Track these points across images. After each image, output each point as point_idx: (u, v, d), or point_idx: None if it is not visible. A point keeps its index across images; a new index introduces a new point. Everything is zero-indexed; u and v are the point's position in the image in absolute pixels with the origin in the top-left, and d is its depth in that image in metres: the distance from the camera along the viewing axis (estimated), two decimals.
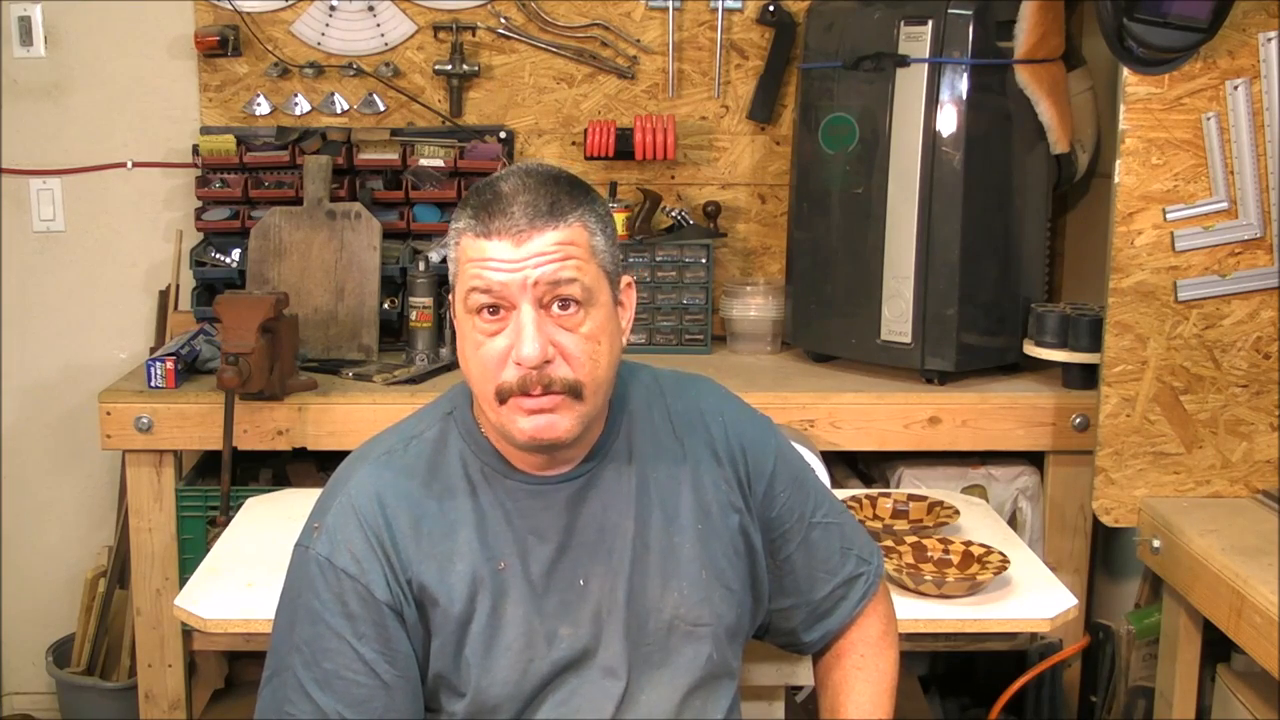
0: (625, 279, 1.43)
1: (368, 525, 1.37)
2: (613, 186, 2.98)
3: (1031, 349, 2.65)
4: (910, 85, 2.59)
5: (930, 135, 2.57)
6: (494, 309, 1.33)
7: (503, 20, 3.01)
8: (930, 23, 2.56)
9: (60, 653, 3.03)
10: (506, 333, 1.33)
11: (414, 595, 1.37)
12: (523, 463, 1.42)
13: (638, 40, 3.04)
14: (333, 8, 3.00)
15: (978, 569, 1.91)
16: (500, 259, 1.31)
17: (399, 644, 1.37)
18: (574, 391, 1.34)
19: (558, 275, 1.32)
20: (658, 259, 2.91)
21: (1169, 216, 2.27)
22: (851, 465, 2.84)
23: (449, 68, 3.00)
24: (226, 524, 2.19)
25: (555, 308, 1.33)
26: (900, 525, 2.13)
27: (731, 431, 1.52)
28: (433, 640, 1.39)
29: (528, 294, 1.31)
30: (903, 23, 2.59)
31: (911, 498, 2.20)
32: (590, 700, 1.41)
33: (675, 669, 1.44)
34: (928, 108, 2.57)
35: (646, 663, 1.43)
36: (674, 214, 3.00)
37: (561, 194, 1.35)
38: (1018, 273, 2.73)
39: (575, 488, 1.42)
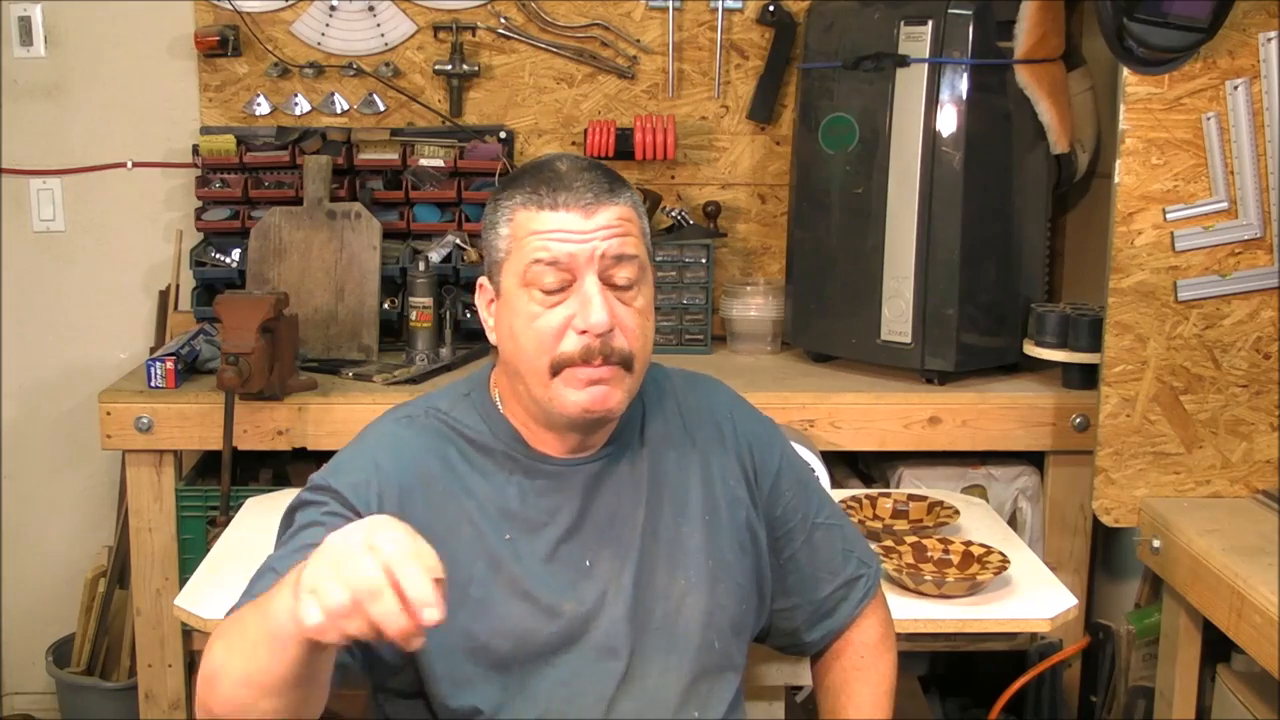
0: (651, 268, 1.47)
1: (381, 468, 1.39)
2: None
3: (1031, 349, 2.65)
4: (910, 85, 2.59)
5: (930, 135, 2.57)
6: (556, 283, 1.35)
7: (503, 20, 3.01)
8: (930, 23, 2.56)
9: (60, 653, 3.03)
10: (567, 304, 1.35)
11: None
12: (544, 445, 1.44)
13: (638, 40, 3.04)
14: (333, 8, 3.00)
15: (978, 569, 1.91)
16: (569, 230, 1.35)
17: None
18: (627, 364, 1.37)
19: (622, 249, 1.36)
20: (658, 259, 2.91)
21: (1169, 216, 2.27)
22: (851, 465, 2.84)
23: (449, 68, 3.00)
24: (226, 524, 2.19)
25: (614, 283, 1.36)
26: (900, 525, 2.13)
27: (740, 429, 1.54)
28: None
29: (594, 265, 1.35)
30: (903, 23, 2.59)
31: (911, 498, 2.20)
32: (591, 680, 1.41)
33: (679, 656, 1.45)
34: (928, 108, 2.57)
35: (651, 648, 1.44)
36: (674, 214, 3.00)
37: (615, 176, 1.41)
38: (1018, 273, 2.73)
39: (591, 472, 1.44)
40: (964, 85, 2.56)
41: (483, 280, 1.45)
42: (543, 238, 1.35)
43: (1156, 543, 2.27)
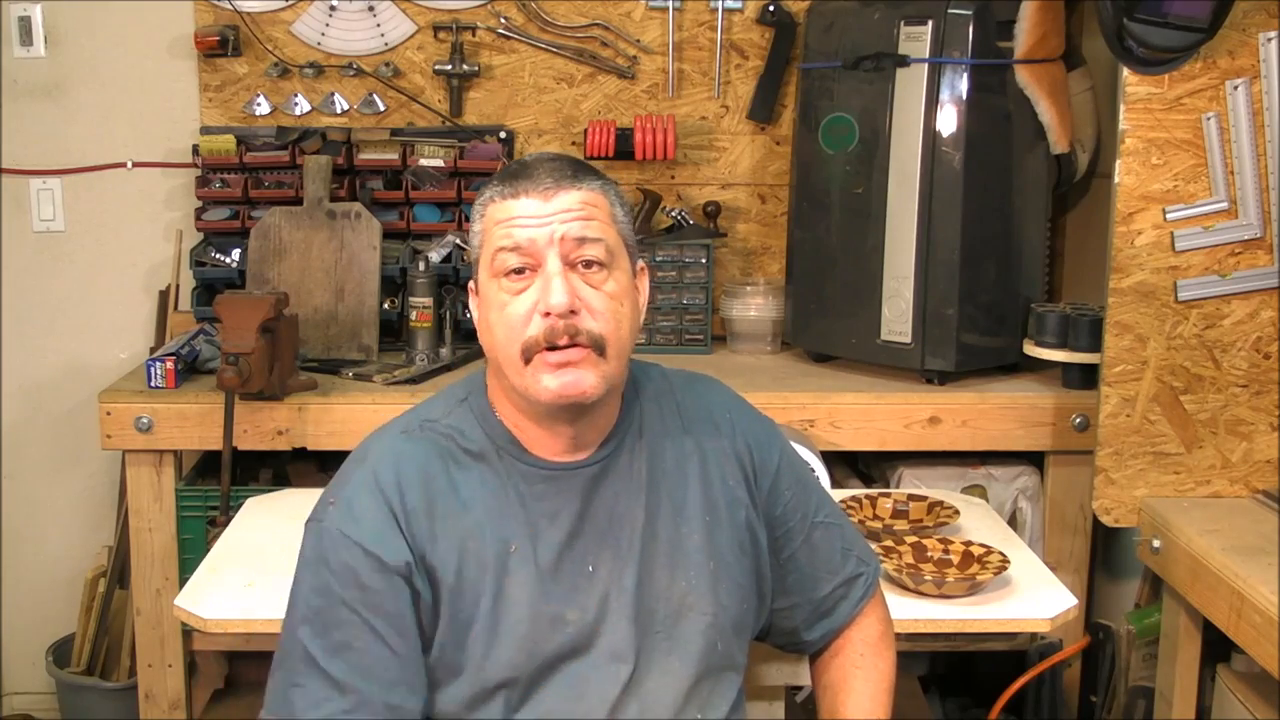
0: (640, 264, 1.47)
1: (385, 498, 1.38)
2: None
3: (1031, 349, 2.65)
4: (910, 85, 2.59)
5: (930, 135, 2.57)
6: (520, 270, 1.36)
7: (503, 20, 3.01)
8: (930, 23, 2.56)
9: (60, 653, 3.03)
10: (532, 289, 1.36)
11: (426, 571, 1.38)
12: (539, 448, 1.43)
13: (638, 40, 3.04)
14: (333, 8, 3.00)
15: (978, 569, 1.91)
16: (528, 215, 1.37)
17: (408, 618, 1.37)
18: (599, 346, 1.36)
19: (584, 232, 1.37)
20: (658, 259, 2.91)
21: (1169, 216, 2.27)
22: (851, 465, 2.84)
23: (449, 68, 3.00)
24: (226, 524, 2.19)
25: (580, 266, 1.37)
26: (900, 525, 2.13)
27: (739, 429, 1.54)
28: (439, 618, 1.39)
29: (554, 248, 1.36)
30: (903, 23, 2.59)
31: (911, 498, 2.20)
32: (597, 685, 1.41)
33: (682, 658, 1.45)
34: (928, 108, 2.57)
35: (654, 650, 1.44)
36: (674, 214, 3.00)
37: (582, 165, 1.42)
38: (1018, 273, 2.73)
39: (590, 475, 1.44)
40: (964, 85, 2.56)
41: (471, 281, 1.46)
42: (506, 225, 1.37)
43: (1156, 543, 2.26)
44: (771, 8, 2.98)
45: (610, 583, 1.42)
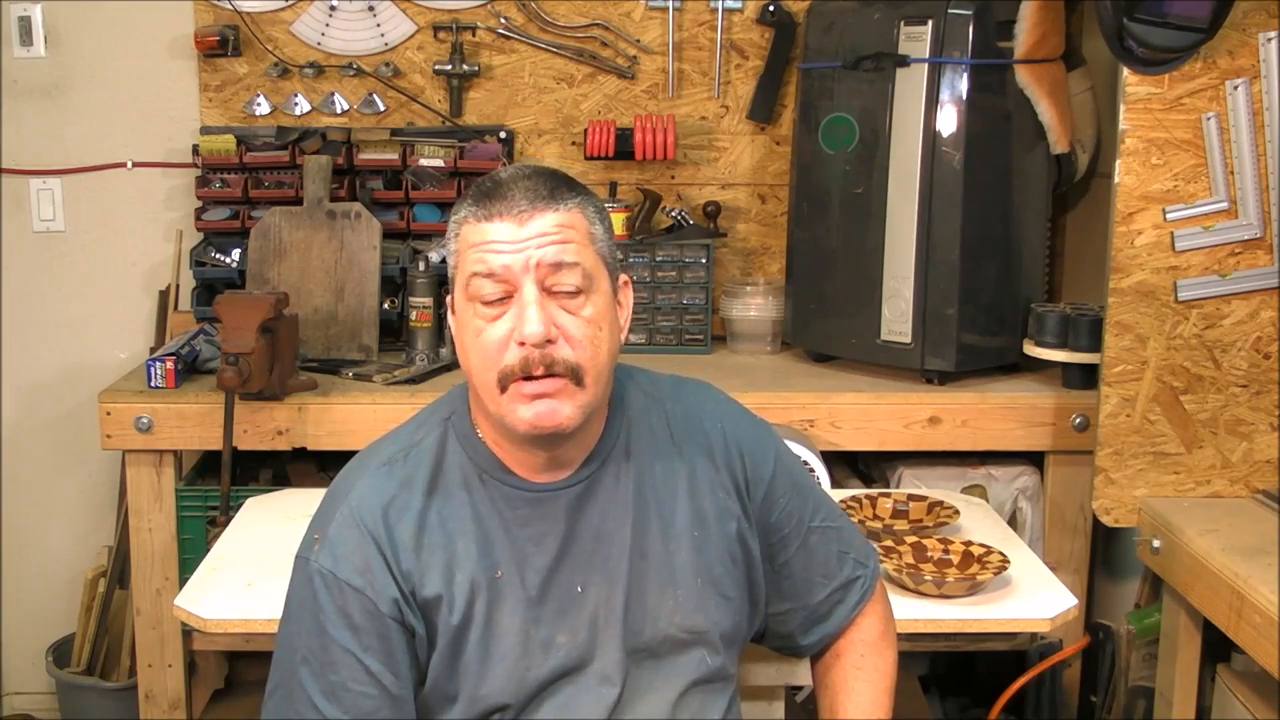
0: (623, 278, 1.43)
1: (370, 537, 1.37)
2: (613, 186, 2.98)
3: (1031, 349, 2.65)
4: (910, 85, 2.59)
5: (930, 135, 2.57)
6: (495, 294, 1.33)
7: (503, 20, 3.01)
8: (930, 23, 2.56)
9: (60, 653, 3.03)
10: (508, 316, 1.33)
11: (418, 606, 1.37)
12: (522, 468, 1.41)
13: (638, 40, 3.04)
14: (333, 8, 3.00)
15: (978, 569, 1.91)
16: (503, 240, 1.33)
17: (401, 656, 1.37)
18: (575, 375, 1.33)
19: (560, 257, 1.33)
20: (658, 259, 2.91)
21: (1169, 216, 2.27)
22: (851, 465, 2.84)
23: (449, 68, 3.00)
24: (226, 524, 2.19)
25: (556, 291, 1.33)
26: (900, 525, 2.13)
27: (730, 437, 1.51)
28: (433, 650, 1.39)
29: (530, 274, 1.32)
30: (903, 23, 2.59)
31: (911, 498, 2.20)
32: (587, 705, 1.41)
33: (671, 675, 1.44)
34: (928, 108, 2.57)
35: (642, 669, 1.43)
36: (674, 214, 3.00)
37: (560, 182, 1.37)
38: (1018, 273, 2.73)
39: (574, 494, 1.42)
40: (964, 85, 2.56)
41: (449, 298, 1.43)
42: (479, 250, 1.33)
43: (1156, 543, 2.27)
44: (771, 8, 2.98)
45: (599, 603, 1.41)
